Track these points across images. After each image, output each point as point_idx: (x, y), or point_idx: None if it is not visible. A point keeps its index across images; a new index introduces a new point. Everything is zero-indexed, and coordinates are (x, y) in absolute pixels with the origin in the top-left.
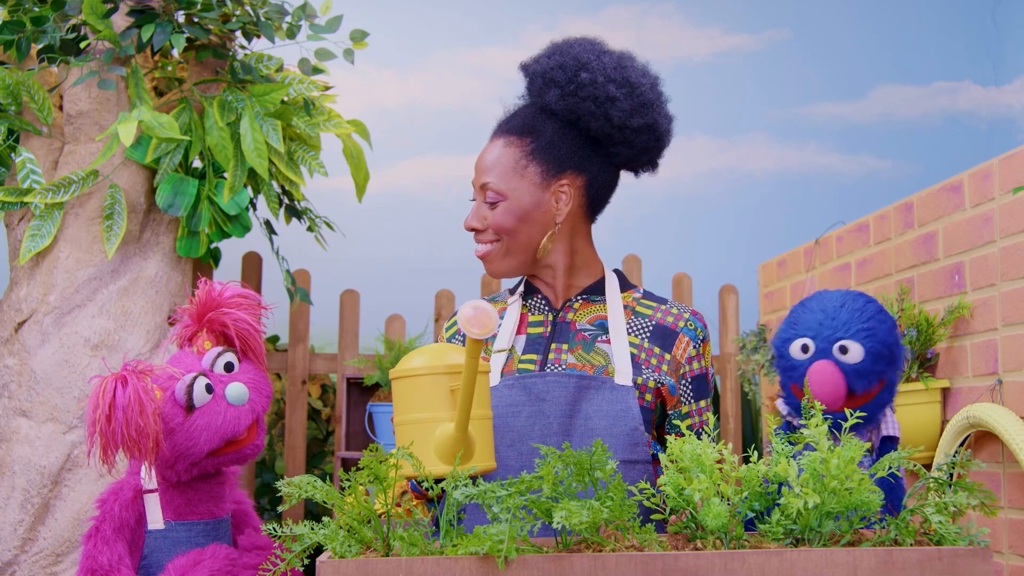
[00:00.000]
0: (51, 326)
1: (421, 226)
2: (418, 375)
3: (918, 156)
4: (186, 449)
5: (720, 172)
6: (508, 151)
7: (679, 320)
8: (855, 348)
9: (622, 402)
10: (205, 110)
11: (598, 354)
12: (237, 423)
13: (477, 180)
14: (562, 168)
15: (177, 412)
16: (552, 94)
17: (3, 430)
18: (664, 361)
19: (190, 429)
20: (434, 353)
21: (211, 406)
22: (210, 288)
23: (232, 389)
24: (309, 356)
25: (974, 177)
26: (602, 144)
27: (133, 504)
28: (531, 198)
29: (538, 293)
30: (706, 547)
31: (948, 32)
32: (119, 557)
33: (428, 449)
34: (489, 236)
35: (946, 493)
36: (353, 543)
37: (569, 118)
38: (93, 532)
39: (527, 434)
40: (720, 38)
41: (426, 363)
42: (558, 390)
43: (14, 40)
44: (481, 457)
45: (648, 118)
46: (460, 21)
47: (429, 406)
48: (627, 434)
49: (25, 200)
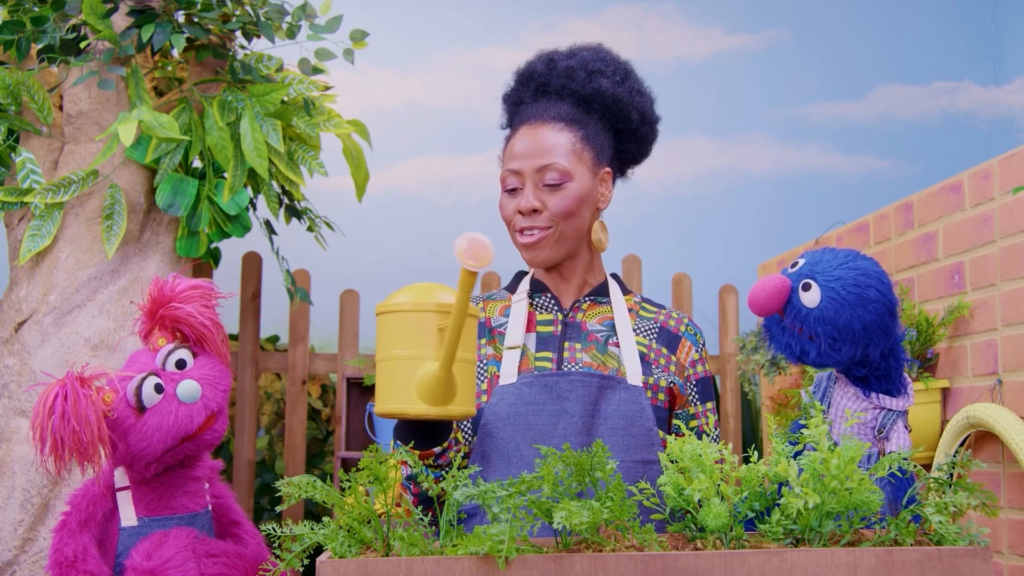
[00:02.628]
0: (51, 326)
1: (421, 226)
2: (405, 311)
3: (918, 156)
4: (140, 450)
5: (720, 172)
6: (565, 135)
7: (680, 325)
8: (815, 293)
9: (637, 402)
10: (205, 110)
11: (611, 356)
12: (189, 421)
13: (529, 164)
14: (606, 156)
15: (129, 414)
16: (603, 83)
17: (3, 430)
18: (672, 362)
19: (142, 430)
20: (422, 290)
21: (162, 406)
22: (162, 284)
23: (183, 387)
24: (309, 356)
25: (974, 177)
26: (623, 139)
27: (102, 500)
28: (588, 183)
29: (546, 292)
30: (706, 547)
31: (948, 32)
32: (84, 548)
33: (410, 387)
34: (544, 221)
35: (946, 493)
36: (353, 543)
37: (611, 108)
38: (61, 526)
39: (549, 432)
40: (720, 38)
41: (414, 299)
42: (581, 389)
43: (14, 40)
44: (462, 401)
45: (656, 116)
46: (460, 21)
47: (414, 343)
48: (643, 434)
49: (25, 200)
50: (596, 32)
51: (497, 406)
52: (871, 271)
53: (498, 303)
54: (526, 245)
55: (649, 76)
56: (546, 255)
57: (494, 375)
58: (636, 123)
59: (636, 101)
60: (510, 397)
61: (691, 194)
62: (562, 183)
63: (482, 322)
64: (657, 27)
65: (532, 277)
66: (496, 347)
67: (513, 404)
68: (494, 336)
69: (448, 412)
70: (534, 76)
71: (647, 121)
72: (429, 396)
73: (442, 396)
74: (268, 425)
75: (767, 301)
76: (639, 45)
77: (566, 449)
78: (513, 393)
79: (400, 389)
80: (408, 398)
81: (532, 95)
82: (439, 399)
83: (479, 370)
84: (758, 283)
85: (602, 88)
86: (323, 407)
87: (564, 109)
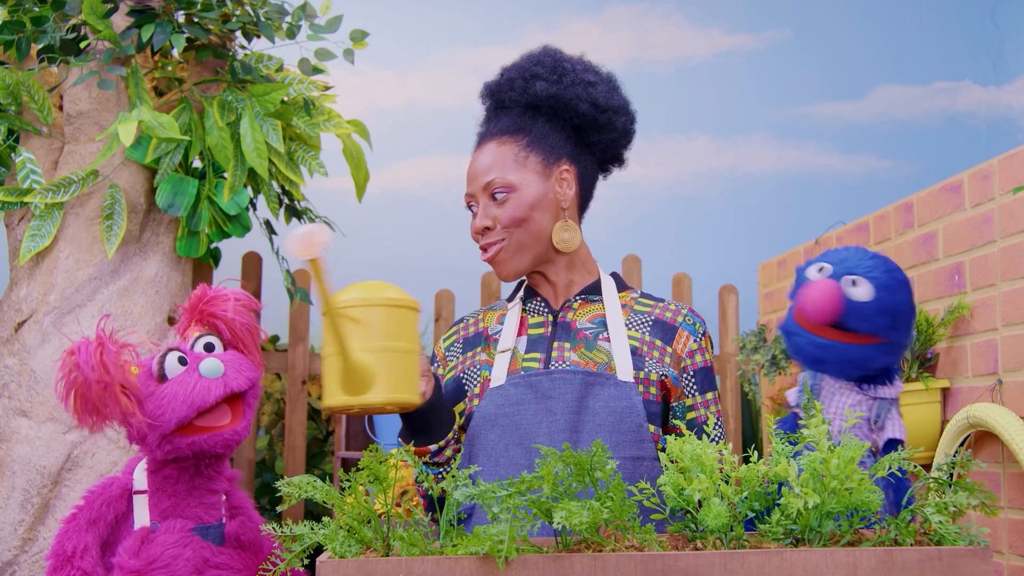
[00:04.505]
0: (51, 326)
1: (421, 226)
2: (323, 313)
3: (918, 156)
4: (155, 417)
5: (720, 172)
6: (504, 148)
7: (678, 315)
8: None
9: (627, 398)
10: (205, 110)
11: (600, 351)
12: (207, 393)
13: (476, 185)
14: (559, 155)
15: (150, 381)
16: (539, 86)
17: (3, 430)
18: (666, 354)
19: (160, 397)
20: (339, 292)
21: (183, 377)
22: (206, 288)
23: (206, 363)
24: (309, 356)
25: (974, 177)
26: (585, 131)
27: (116, 503)
28: (538, 187)
29: (537, 296)
30: (706, 547)
31: (948, 32)
32: (85, 547)
33: (333, 381)
34: (498, 235)
35: (946, 493)
36: (353, 543)
37: (555, 107)
38: (70, 518)
39: (534, 432)
40: (720, 38)
41: (325, 303)
42: (564, 387)
43: (14, 40)
44: (392, 389)
45: (620, 99)
46: (460, 21)
47: (328, 341)
48: (633, 430)
49: (25, 200)
50: (596, 32)
51: (485, 408)
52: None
53: (496, 312)
54: (487, 261)
55: (649, 76)
56: (511, 266)
57: (486, 379)
58: (590, 113)
59: (584, 93)
60: (497, 399)
61: (691, 194)
62: (507, 194)
63: (480, 331)
64: (657, 27)
65: (526, 284)
66: (490, 353)
67: (500, 405)
68: (489, 343)
69: (365, 401)
70: (491, 93)
71: (604, 108)
72: (345, 387)
73: (356, 385)
74: (268, 425)
75: (831, 304)
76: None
77: (566, 449)
78: (500, 394)
79: (327, 384)
80: (330, 391)
81: (492, 112)
82: (353, 388)
83: (472, 376)
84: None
85: (539, 91)
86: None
87: (508, 121)
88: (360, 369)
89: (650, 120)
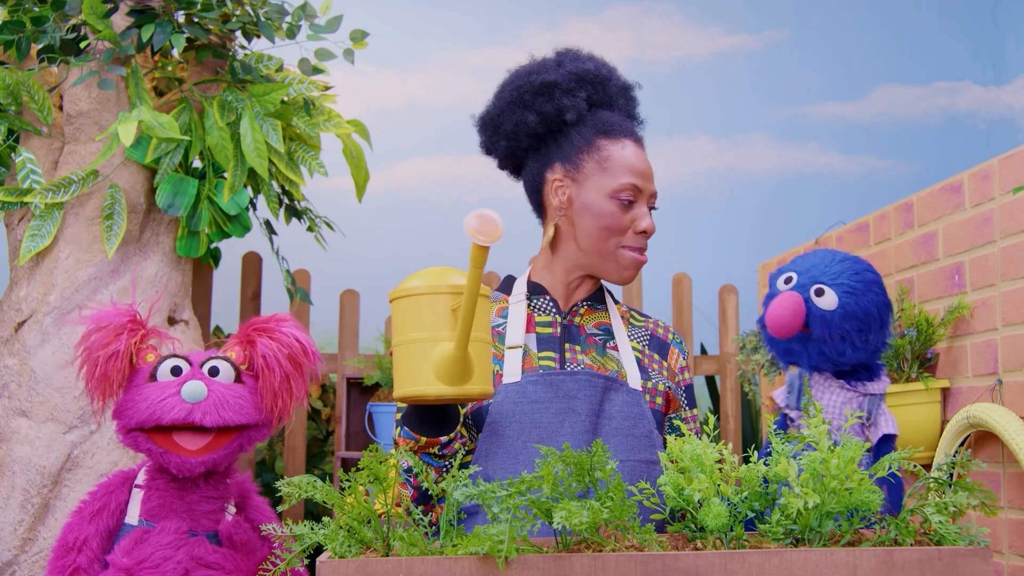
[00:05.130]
0: (51, 326)
1: (421, 226)
2: (418, 294)
3: (918, 156)
4: (122, 408)
5: (720, 172)
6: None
7: (668, 333)
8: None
9: (638, 405)
10: (205, 110)
11: (611, 359)
12: (167, 411)
13: (649, 186)
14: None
15: (142, 376)
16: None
17: (3, 430)
18: (663, 368)
19: (134, 395)
20: (434, 274)
21: (163, 386)
22: (269, 317)
23: (190, 385)
24: None
25: (974, 177)
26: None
27: (118, 490)
28: None
29: (545, 295)
30: (706, 547)
31: (948, 32)
32: (86, 539)
33: (426, 369)
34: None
35: (946, 493)
36: (353, 543)
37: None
38: (77, 510)
39: (556, 431)
40: (720, 38)
41: (427, 283)
42: (588, 389)
43: (14, 40)
44: (480, 380)
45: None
46: (460, 21)
47: (428, 326)
48: (646, 435)
49: (25, 200)
50: (596, 32)
51: (502, 404)
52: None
53: (493, 305)
54: (639, 263)
55: (649, 76)
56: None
57: (497, 374)
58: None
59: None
60: (515, 395)
61: (691, 194)
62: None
63: None
64: (657, 27)
65: (529, 279)
66: (496, 347)
67: (518, 402)
68: (492, 337)
69: (466, 392)
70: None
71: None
72: (446, 376)
73: (459, 376)
74: None
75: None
76: (639, 45)
77: (566, 449)
78: (518, 391)
79: (417, 371)
80: (426, 379)
81: (624, 107)
82: (456, 379)
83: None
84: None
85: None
86: (323, 407)
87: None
88: (465, 359)
89: (650, 120)
